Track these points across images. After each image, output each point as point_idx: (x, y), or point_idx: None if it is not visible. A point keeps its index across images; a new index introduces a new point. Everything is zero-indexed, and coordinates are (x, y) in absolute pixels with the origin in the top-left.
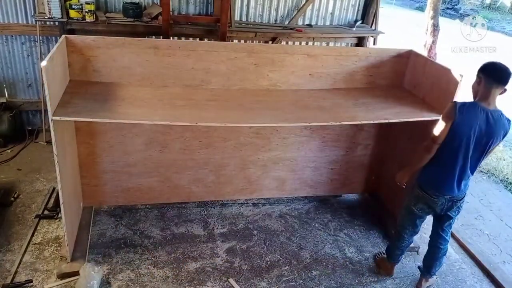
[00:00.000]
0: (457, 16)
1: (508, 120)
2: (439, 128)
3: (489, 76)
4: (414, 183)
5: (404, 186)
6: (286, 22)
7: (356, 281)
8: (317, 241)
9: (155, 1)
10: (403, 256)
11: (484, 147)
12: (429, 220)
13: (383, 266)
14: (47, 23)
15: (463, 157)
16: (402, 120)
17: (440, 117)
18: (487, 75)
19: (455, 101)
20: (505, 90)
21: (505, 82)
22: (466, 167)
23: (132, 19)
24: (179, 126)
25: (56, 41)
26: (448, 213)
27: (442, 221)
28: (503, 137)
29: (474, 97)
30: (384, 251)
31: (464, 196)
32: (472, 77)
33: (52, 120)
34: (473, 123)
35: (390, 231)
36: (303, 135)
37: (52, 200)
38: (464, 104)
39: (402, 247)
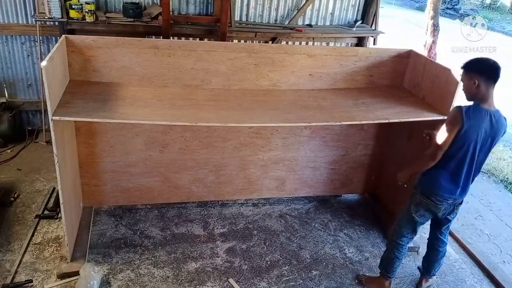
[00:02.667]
0: (457, 16)
1: (505, 119)
2: (444, 134)
3: (489, 77)
4: (415, 190)
5: (405, 186)
6: (286, 22)
7: (356, 281)
8: (317, 241)
9: (155, 1)
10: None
11: (488, 148)
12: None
13: (377, 285)
14: (47, 23)
15: (469, 162)
16: (402, 120)
17: (444, 124)
18: (486, 77)
19: (459, 106)
20: None
21: (499, 78)
22: (471, 170)
23: (132, 19)
24: (179, 126)
25: (56, 41)
26: (448, 217)
27: (440, 225)
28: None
29: (470, 98)
30: (378, 267)
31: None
32: None
33: (52, 120)
34: (480, 127)
35: (389, 231)
36: (303, 135)
37: (52, 200)
38: (469, 108)
39: (401, 256)
